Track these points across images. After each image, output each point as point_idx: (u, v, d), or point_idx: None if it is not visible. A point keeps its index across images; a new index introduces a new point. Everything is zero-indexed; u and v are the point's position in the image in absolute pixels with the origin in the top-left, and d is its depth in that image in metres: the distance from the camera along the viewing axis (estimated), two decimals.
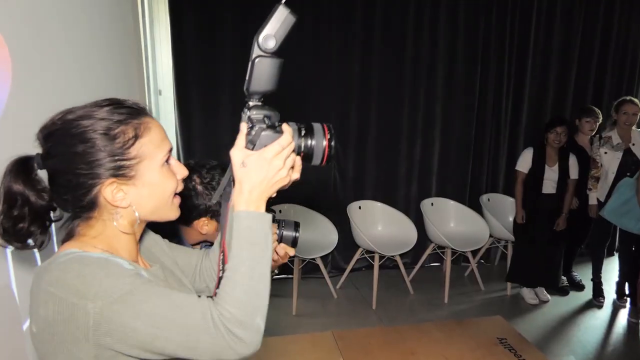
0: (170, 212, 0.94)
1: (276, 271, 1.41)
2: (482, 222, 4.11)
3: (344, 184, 4.19)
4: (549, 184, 3.76)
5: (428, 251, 4.13)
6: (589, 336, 3.51)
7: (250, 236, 0.84)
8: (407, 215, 4.06)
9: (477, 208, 4.29)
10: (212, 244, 1.52)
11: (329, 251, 3.69)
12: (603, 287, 4.00)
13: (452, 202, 4.27)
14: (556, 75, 4.51)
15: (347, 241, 3.94)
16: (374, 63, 4.06)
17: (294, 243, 1.30)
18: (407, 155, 4.30)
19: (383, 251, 3.74)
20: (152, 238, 1.09)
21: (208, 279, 1.14)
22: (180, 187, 0.95)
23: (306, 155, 0.90)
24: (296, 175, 0.89)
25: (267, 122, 0.86)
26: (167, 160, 0.91)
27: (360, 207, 4.06)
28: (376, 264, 3.77)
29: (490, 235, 4.15)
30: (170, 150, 0.92)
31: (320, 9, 3.87)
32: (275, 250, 1.27)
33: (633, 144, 3.81)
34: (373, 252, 3.77)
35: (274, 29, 0.80)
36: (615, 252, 4.62)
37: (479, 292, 4.11)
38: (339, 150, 4.10)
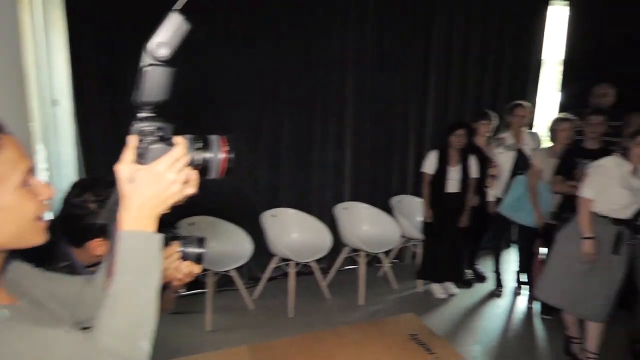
0: (34, 237, 0.85)
1: (182, 290, 1.36)
2: (394, 224, 4.25)
3: (258, 193, 4.15)
4: (453, 184, 3.97)
5: (343, 255, 4.19)
6: (492, 324, 3.76)
7: (136, 259, 0.79)
8: (321, 221, 4.10)
9: (389, 210, 4.44)
10: None
11: (244, 262, 3.62)
12: (503, 277, 4.30)
13: (364, 205, 4.38)
14: (456, 82, 4.80)
15: (262, 250, 3.90)
16: (284, 71, 4.06)
17: (198, 260, 1.26)
18: (320, 161, 4.35)
19: (298, 258, 3.74)
20: (21, 268, 0.98)
21: (91, 309, 1.06)
22: (43, 210, 0.86)
23: (202, 169, 0.87)
24: (191, 189, 0.86)
25: (159, 134, 0.82)
26: (26, 181, 0.82)
27: (274, 215, 4.04)
28: (292, 271, 3.77)
29: (402, 236, 4.31)
30: (31, 169, 0.84)
31: (228, 16, 3.79)
32: (178, 269, 1.23)
33: (524, 144, 4.14)
34: (289, 260, 3.76)
35: (167, 36, 0.77)
36: (512, 244, 4.97)
37: (393, 291, 4.24)
38: (253, 158, 4.07)
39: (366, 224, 4.33)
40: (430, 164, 4.03)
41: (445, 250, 4.05)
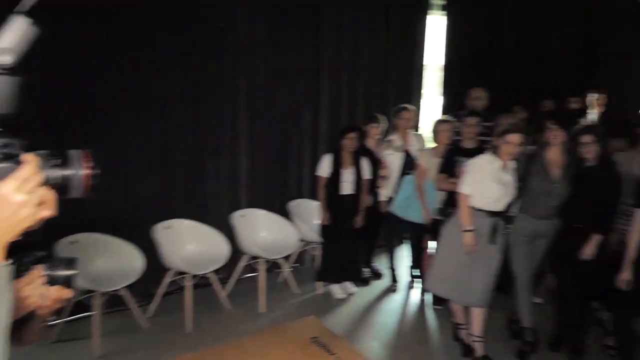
0: None
1: (54, 318, 1.23)
2: (292, 228, 4.27)
3: (149, 205, 3.92)
4: (347, 186, 4.08)
5: (242, 263, 4.11)
6: (389, 318, 3.92)
7: None
8: (218, 230, 3.98)
9: (287, 215, 4.45)
10: None
11: (135, 279, 3.39)
12: (398, 272, 4.51)
13: (261, 211, 4.34)
14: (347, 87, 4.94)
15: (156, 265, 3.69)
16: (172, 75, 3.89)
17: (68, 283, 1.14)
18: (214, 169, 4.24)
19: (195, 270, 3.61)
20: None
21: None
22: None
23: (62, 187, 0.79)
24: (47, 211, 0.76)
25: (3, 152, 0.73)
26: None
27: (168, 227, 3.84)
28: (188, 284, 3.61)
29: (301, 240, 4.34)
30: None
31: (113, 19, 3.53)
32: (45, 295, 1.10)
33: (411, 146, 4.38)
34: (185, 273, 3.61)
35: (12, 41, 0.69)
36: (405, 241, 5.19)
37: (294, 295, 4.26)
38: (143, 168, 3.84)
39: (264, 231, 4.30)
40: (324, 167, 4.10)
41: (343, 250, 4.15)
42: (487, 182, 3.04)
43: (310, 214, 4.54)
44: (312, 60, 4.67)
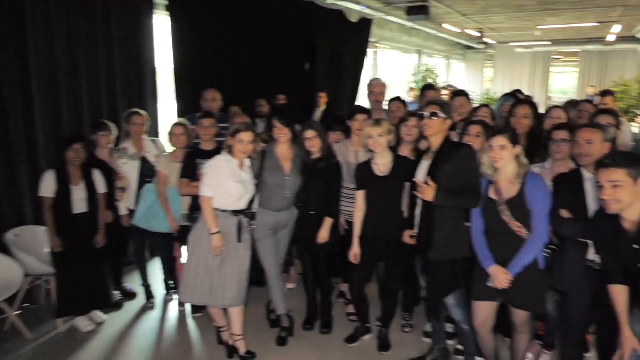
0: None
1: None
2: (12, 263, 3.55)
3: None
4: (80, 203, 3.63)
5: None
6: (149, 339, 3.65)
7: None
8: None
9: (5, 248, 3.68)
10: None
11: None
12: (153, 288, 4.25)
13: None
14: (67, 94, 4.28)
15: None
16: None
17: None
18: None
19: None
20: None
21: None
22: None
23: None
24: None
25: None
26: None
27: None
28: None
29: (28, 274, 3.66)
30: None
31: None
32: None
33: (147, 152, 4.13)
34: None
35: None
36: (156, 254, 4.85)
37: (28, 342, 3.56)
38: None
39: None
40: (48, 186, 3.54)
41: (84, 277, 3.66)
42: (226, 182, 3.07)
43: (37, 242, 3.84)
44: (19, 62, 3.89)
